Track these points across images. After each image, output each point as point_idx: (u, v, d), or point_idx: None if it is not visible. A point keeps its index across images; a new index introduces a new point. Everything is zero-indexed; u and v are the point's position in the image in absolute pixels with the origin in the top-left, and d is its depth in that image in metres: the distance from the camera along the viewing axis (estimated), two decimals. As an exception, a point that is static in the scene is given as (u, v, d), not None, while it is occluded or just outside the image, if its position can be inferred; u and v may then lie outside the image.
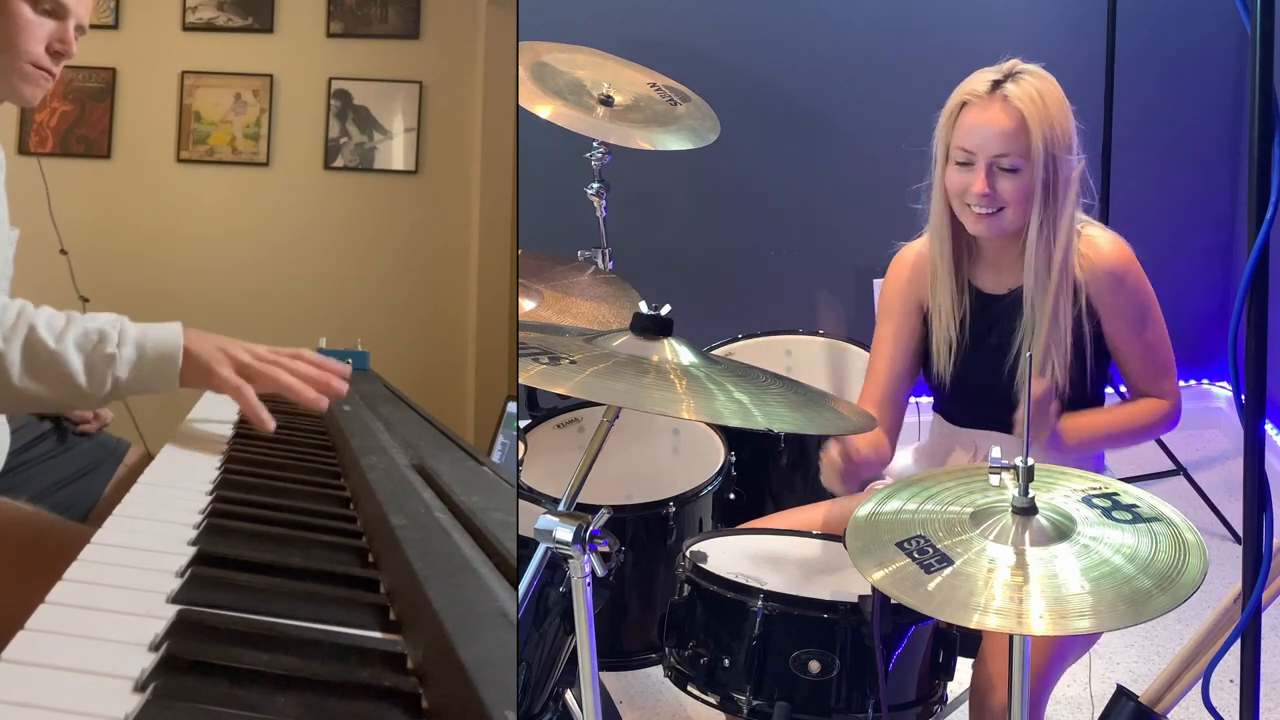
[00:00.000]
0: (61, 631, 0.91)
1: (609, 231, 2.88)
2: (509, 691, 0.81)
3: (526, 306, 2.40)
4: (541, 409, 2.64)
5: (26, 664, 0.85)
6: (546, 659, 1.88)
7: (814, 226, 3.57)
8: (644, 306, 1.69)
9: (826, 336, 2.67)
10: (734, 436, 2.33)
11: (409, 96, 4.20)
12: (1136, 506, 1.56)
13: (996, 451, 1.58)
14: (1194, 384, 3.70)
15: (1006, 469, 1.56)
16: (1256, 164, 1.39)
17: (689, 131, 2.77)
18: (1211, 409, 3.69)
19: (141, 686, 0.84)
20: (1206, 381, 3.74)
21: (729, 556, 1.88)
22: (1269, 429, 3.35)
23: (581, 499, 1.63)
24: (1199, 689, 1.58)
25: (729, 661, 1.76)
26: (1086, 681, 2.44)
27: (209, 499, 1.36)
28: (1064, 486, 1.60)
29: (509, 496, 1.52)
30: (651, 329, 1.67)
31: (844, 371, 2.60)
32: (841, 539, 1.69)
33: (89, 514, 1.93)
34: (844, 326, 3.50)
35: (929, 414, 2.21)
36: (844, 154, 3.51)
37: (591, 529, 1.58)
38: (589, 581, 1.60)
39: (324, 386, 1.71)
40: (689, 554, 1.85)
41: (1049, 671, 1.91)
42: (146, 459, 1.68)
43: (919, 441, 2.27)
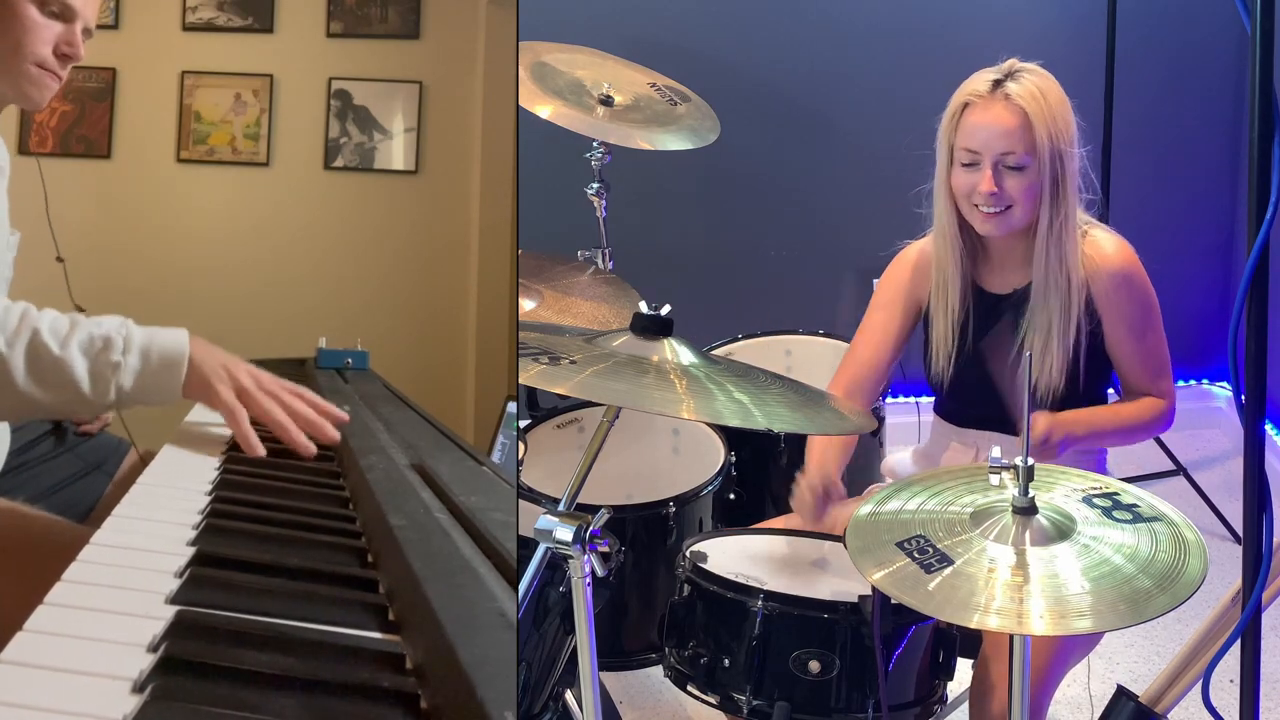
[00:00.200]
0: (60, 632, 0.91)
1: (609, 231, 2.88)
2: (509, 691, 0.81)
3: (526, 306, 2.40)
4: (541, 409, 2.64)
5: (25, 665, 0.85)
6: (546, 659, 1.88)
7: (814, 226, 3.57)
8: (644, 306, 1.69)
9: (827, 336, 2.67)
10: (734, 436, 2.33)
11: (409, 96, 4.20)
12: (1137, 506, 1.55)
13: (997, 451, 1.59)
14: (1194, 384, 3.70)
15: (1006, 469, 1.56)
16: (1256, 164, 1.39)
17: (689, 131, 2.77)
18: (1211, 409, 3.69)
19: (140, 687, 0.84)
20: (1206, 381, 3.73)
21: (729, 556, 1.88)
22: (1269, 429, 3.35)
23: (581, 499, 1.63)
24: (1199, 689, 1.58)
25: (729, 661, 1.76)
26: (1086, 681, 2.44)
27: (208, 499, 1.36)
28: (1064, 486, 1.60)
29: (509, 496, 1.52)
30: (651, 329, 1.67)
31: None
32: (841, 539, 1.69)
33: (89, 514, 1.92)
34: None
35: (929, 414, 2.21)
36: (844, 154, 3.51)
37: (591, 529, 1.57)
38: (589, 581, 1.60)
39: (317, 430, 1.66)
40: (689, 554, 1.85)
41: (1050, 674, 1.91)
42: (147, 459, 1.67)
43: (919, 442, 2.27)
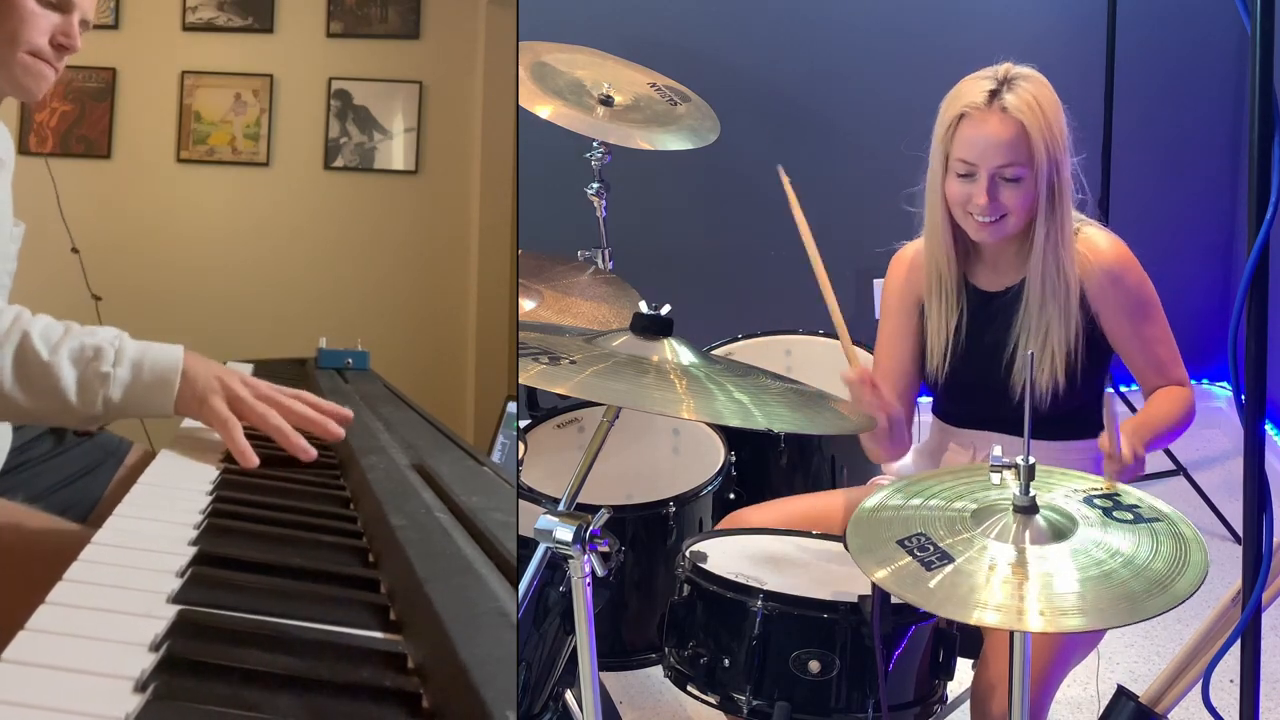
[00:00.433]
0: (62, 632, 0.91)
1: (609, 231, 2.88)
2: (509, 691, 0.81)
3: (526, 306, 2.40)
4: (541, 409, 2.64)
5: (26, 664, 0.85)
6: (546, 659, 1.88)
7: (814, 226, 3.56)
8: (644, 306, 1.69)
9: (827, 336, 2.67)
10: (734, 436, 2.33)
11: (409, 96, 4.20)
12: (1137, 507, 1.55)
13: (998, 450, 1.59)
14: (1194, 384, 3.69)
15: (1007, 468, 1.56)
16: (1256, 164, 1.39)
17: (689, 131, 2.77)
18: (1211, 409, 3.69)
19: (142, 687, 0.84)
20: (1206, 381, 3.74)
21: (729, 556, 1.88)
22: (1269, 429, 3.35)
23: (581, 499, 1.63)
24: (1199, 689, 1.58)
25: (729, 661, 1.75)
26: (1086, 681, 2.44)
27: (209, 499, 1.36)
28: (1065, 486, 1.60)
29: (509, 496, 1.52)
30: (651, 329, 1.67)
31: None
32: (841, 539, 1.69)
33: (89, 514, 1.92)
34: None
35: (928, 414, 2.21)
36: (844, 154, 3.51)
37: (591, 529, 1.58)
38: (589, 581, 1.60)
39: (319, 428, 1.63)
40: (689, 554, 1.85)
41: (1050, 675, 1.91)
42: (147, 459, 1.67)
43: (918, 442, 2.27)
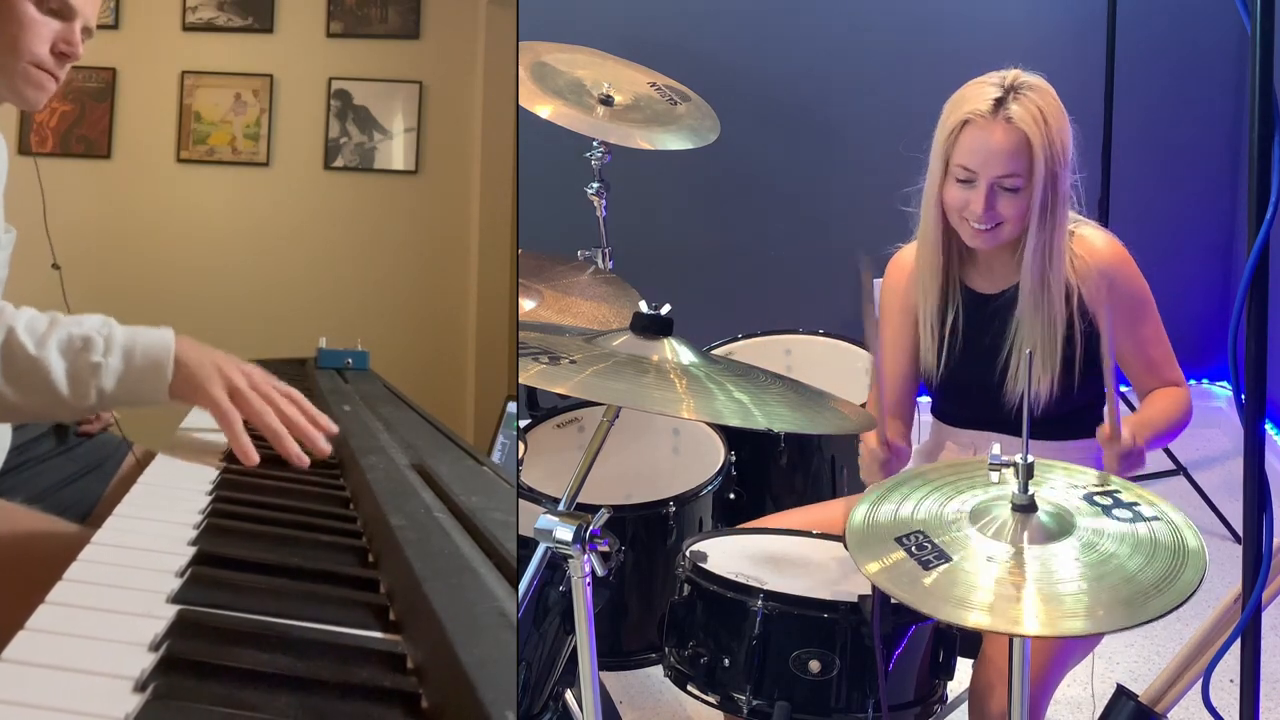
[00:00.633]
0: (61, 631, 0.91)
1: (609, 231, 2.88)
2: (509, 691, 0.81)
3: (526, 306, 2.40)
4: (541, 409, 2.64)
5: (26, 664, 0.85)
6: (546, 659, 1.88)
7: (814, 226, 3.57)
8: (644, 306, 1.69)
9: (827, 336, 2.67)
10: (734, 436, 2.33)
11: (409, 96, 4.20)
12: (1137, 505, 1.55)
13: (996, 448, 1.58)
14: (1194, 384, 3.70)
15: (1006, 466, 1.56)
16: (1256, 164, 1.39)
17: (689, 131, 2.77)
18: (1211, 409, 3.69)
19: (141, 686, 0.84)
20: (1206, 381, 3.73)
21: (729, 556, 1.88)
22: (1269, 429, 3.35)
23: (581, 499, 1.63)
24: (1199, 689, 1.58)
25: (729, 661, 1.75)
26: (1086, 681, 2.44)
27: (209, 499, 1.36)
28: (1064, 484, 1.60)
29: (509, 496, 1.52)
30: (651, 329, 1.67)
31: (844, 371, 2.60)
32: (841, 539, 1.69)
33: (89, 514, 1.92)
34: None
35: (928, 414, 2.21)
36: (844, 154, 3.51)
37: (591, 529, 1.58)
38: (589, 581, 1.60)
39: (307, 438, 1.59)
40: (689, 554, 1.85)
41: (1049, 676, 1.91)
42: (147, 459, 1.66)
43: (918, 443, 2.27)
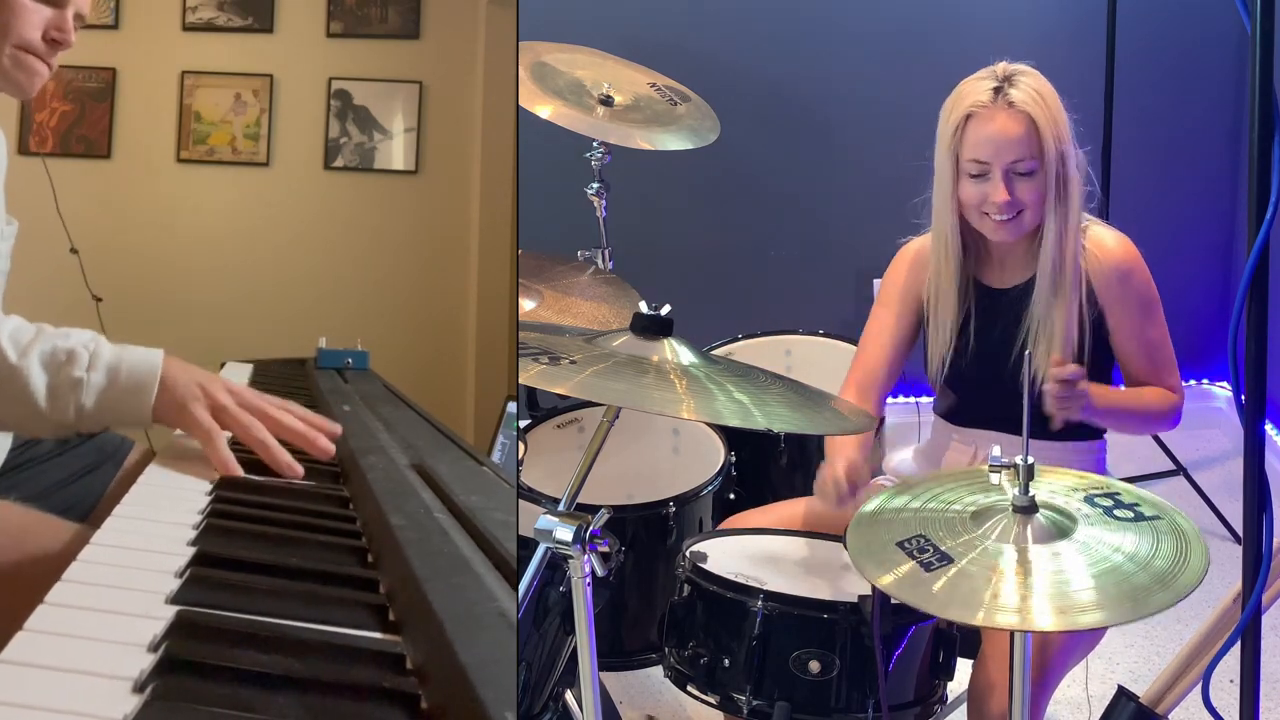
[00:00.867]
0: (60, 632, 0.91)
1: (609, 231, 2.88)
2: (509, 691, 0.81)
3: (526, 306, 2.40)
4: (541, 409, 2.64)
5: (25, 665, 0.85)
6: (546, 659, 1.88)
7: (814, 226, 3.57)
8: (644, 306, 1.69)
9: (827, 336, 2.67)
10: (734, 436, 2.33)
11: (409, 96, 4.20)
12: (1138, 505, 1.55)
13: (997, 450, 1.59)
14: (1194, 384, 3.70)
15: (1006, 468, 1.56)
16: (1256, 164, 1.39)
17: (689, 131, 2.77)
18: (1211, 409, 3.69)
19: (140, 687, 0.84)
20: (1206, 381, 3.73)
21: (729, 556, 1.88)
22: (1269, 429, 3.35)
23: (581, 499, 1.63)
24: (1199, 689, 1.58)
25: (729, 661, 1.75)
26: (1086, 682, 2.44)
27: (208, 499, 1.36)
28: (1064, 486, 1.60)
29: (509, 496, 1.51)
30: (651, 329, 1.67)
31: (844, 371, 2.60)
32: (841, 539, 1.69)
33: (89, 514, 1.92)
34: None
35: (929, 414, 2.21)
36: (844, 154, 3.51)
37: (591, 529, 1.57)
38: (589, 581, 1.60)
39: (308, 443, 1.54)
40: (689, 554, 1.85)
41: (1049, 675, 1.91)
42: (147, 459, 1.66)
43: (919, 442, 2.27)
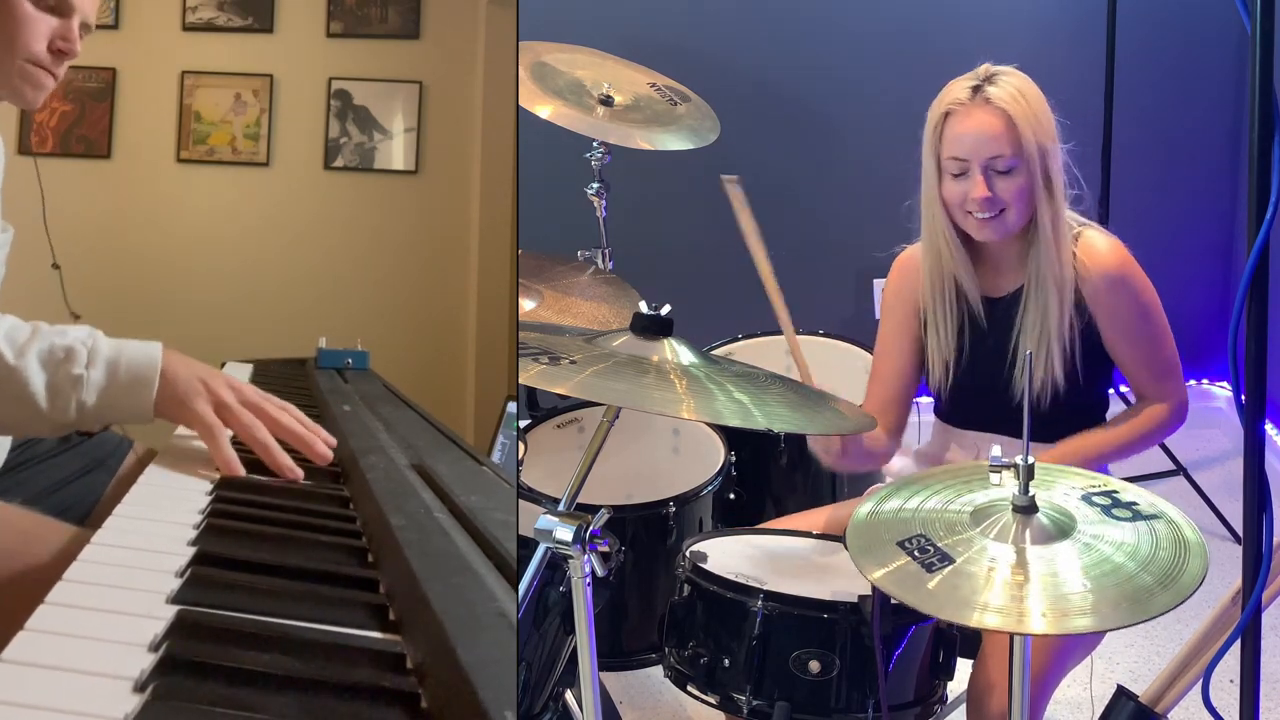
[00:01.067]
0: (61, 632, 0.91)
1: (609, 231, 2.88)
2: (509, 691, 0.81)
3: (526, 306, 2.40)
4: (541, 409, 2.64)
5: (26, 664, 0.85)
6: (546, 659, 1.88)
7: (814, 227, 3.57)
8: (644, 306, 1.69)
9: (827, 336, 2.67)
10: (734, 436, 2.33)
11: (409, 96, 4.20)
12: (1136, 504, 1.55)
13: (997, 450, 1.59)
14: (1194, 384, 3.70)
15: (1006, 467, 1.56)
16: (1256, 164, 1.39)
17: (689, 131, 2.77)
18: (1211, 409, 3.69)
19: (141, 687, 0.84)
20: (1206, 381, 3.73)
21: (729, 556, 1.88)
22: (1269, 429, 3.35)
23: (581, 499, 1.63)
24: (1199, 689, 1.58)
25: (729, 661, 1.75)
26: (1086, 681, 2.44)
27: (208, 499, 1.36)
28: (1064, 485, 1.60)
29: (509, 496, 1.52)
30: (651, 329, 1.67)
31: (844, 371, 2.60)
32: (841, 539, 1.69)
33: (89, 514, 1.92)
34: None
35: (929, 415, 2.21)
36: (844, 154, 3.51)
37: (591, 529, 1.58)
38: (589, 581, 1.60)
39: (305, 446, 1.53)
40: (689, 554, 1.85)
41: (1048, 677, 1.91)
42: (147, 458, 1.65)
43: (919, 444, 2.27)
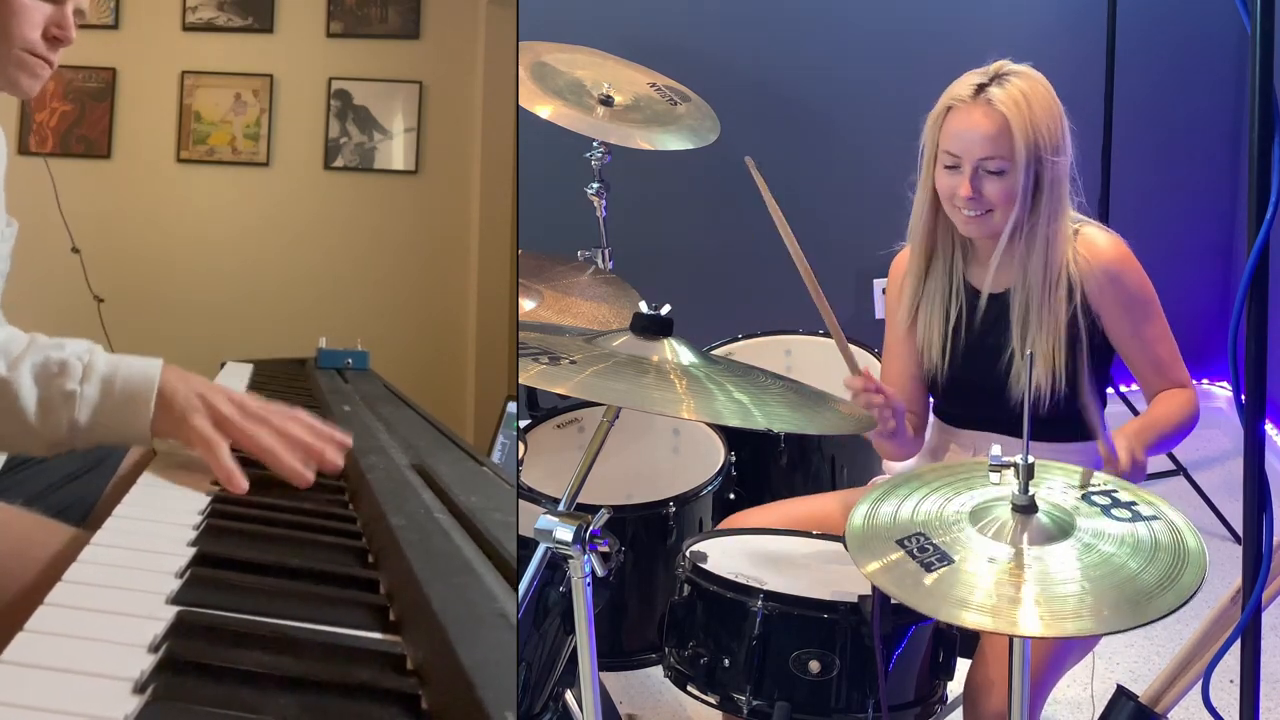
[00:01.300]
0: (61, 633, 0.91)
1: (609, 231, 2.87)
2: (509, 692, 0.81)
3: (526, 306, 2.40)
4: (541, 409, 2.64)
5: (26, 665, 0.85)
6: (546, 659, 1.88)
7: (814, 226, 3.56)
8: (644, 306, 1.69)
9: (827, 336, 2.67)
10: (734, 436, 2.33)
11: (409, 96, 4.20)
12: (1135, 504, 1.55)
13: (997, 449, 1.58)
14: (1194, 384, 3.69)
15: (1006, 466, 1.56)
16: (1256, 164, 1.39)
17: (689, 131, 2.77)
18: (1211, 409, 3.68)
19: (141, 688, 0.84)
20: (1206, 381, 3.73)
21: (729, 556, 1.88)
22: (1269, 429, 3.35)
23: (581, 499, 1.63)
24: (1199, 689, 1.58)
25: (729, 661, 1.76)
26: (1087, 681, 2.44)
27: (209, 499, 1.36)
28: (1063, 484, 1.60)
29: (509, 496, 1.52)
30: (651, 329, 1.67)
31: (844, 371, 2.60)
32: (841, 539, 1.69)
33: (89, 515, 1.92)
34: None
35: (929, 415, 2.21)
36: (844, 154, 3.51)
37: (591, 529, 1.58)
38: (589, 581, 1.60)
39: (315, 455, 1.45)
40: (689, 554, 1.85)
41: (1046, 676, 1.91)
42: (147, 458, 1.65)
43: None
